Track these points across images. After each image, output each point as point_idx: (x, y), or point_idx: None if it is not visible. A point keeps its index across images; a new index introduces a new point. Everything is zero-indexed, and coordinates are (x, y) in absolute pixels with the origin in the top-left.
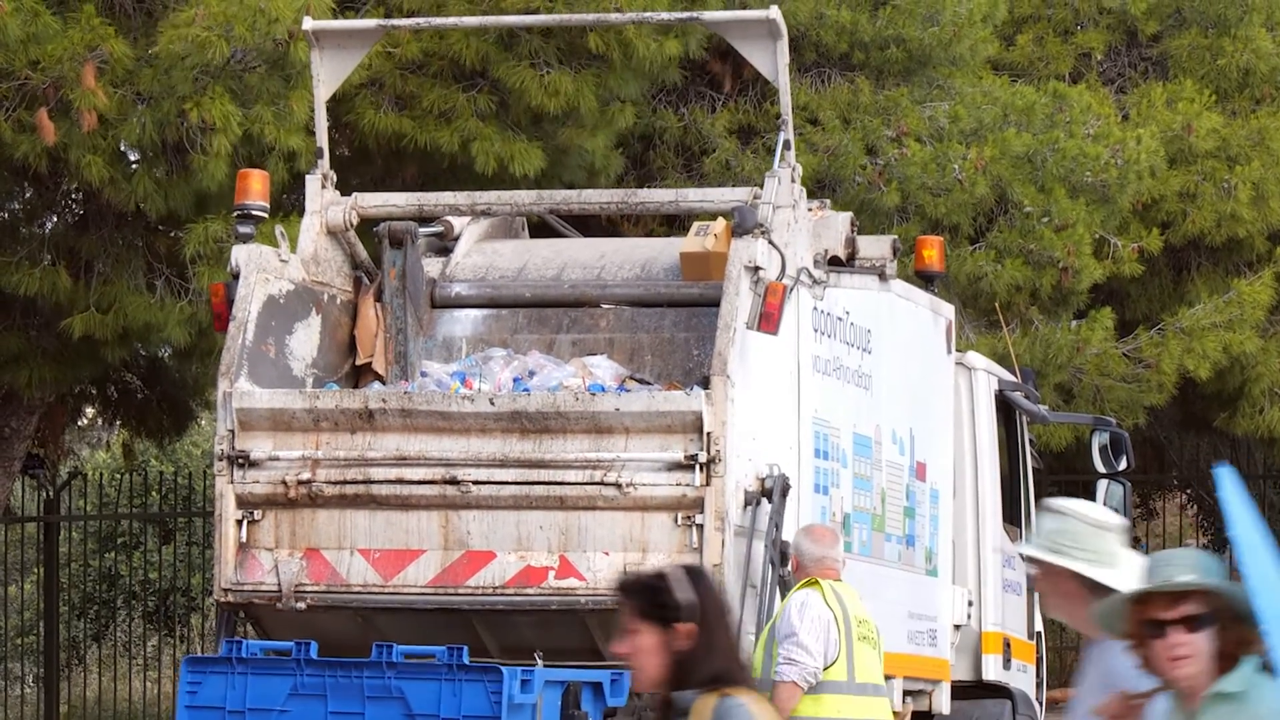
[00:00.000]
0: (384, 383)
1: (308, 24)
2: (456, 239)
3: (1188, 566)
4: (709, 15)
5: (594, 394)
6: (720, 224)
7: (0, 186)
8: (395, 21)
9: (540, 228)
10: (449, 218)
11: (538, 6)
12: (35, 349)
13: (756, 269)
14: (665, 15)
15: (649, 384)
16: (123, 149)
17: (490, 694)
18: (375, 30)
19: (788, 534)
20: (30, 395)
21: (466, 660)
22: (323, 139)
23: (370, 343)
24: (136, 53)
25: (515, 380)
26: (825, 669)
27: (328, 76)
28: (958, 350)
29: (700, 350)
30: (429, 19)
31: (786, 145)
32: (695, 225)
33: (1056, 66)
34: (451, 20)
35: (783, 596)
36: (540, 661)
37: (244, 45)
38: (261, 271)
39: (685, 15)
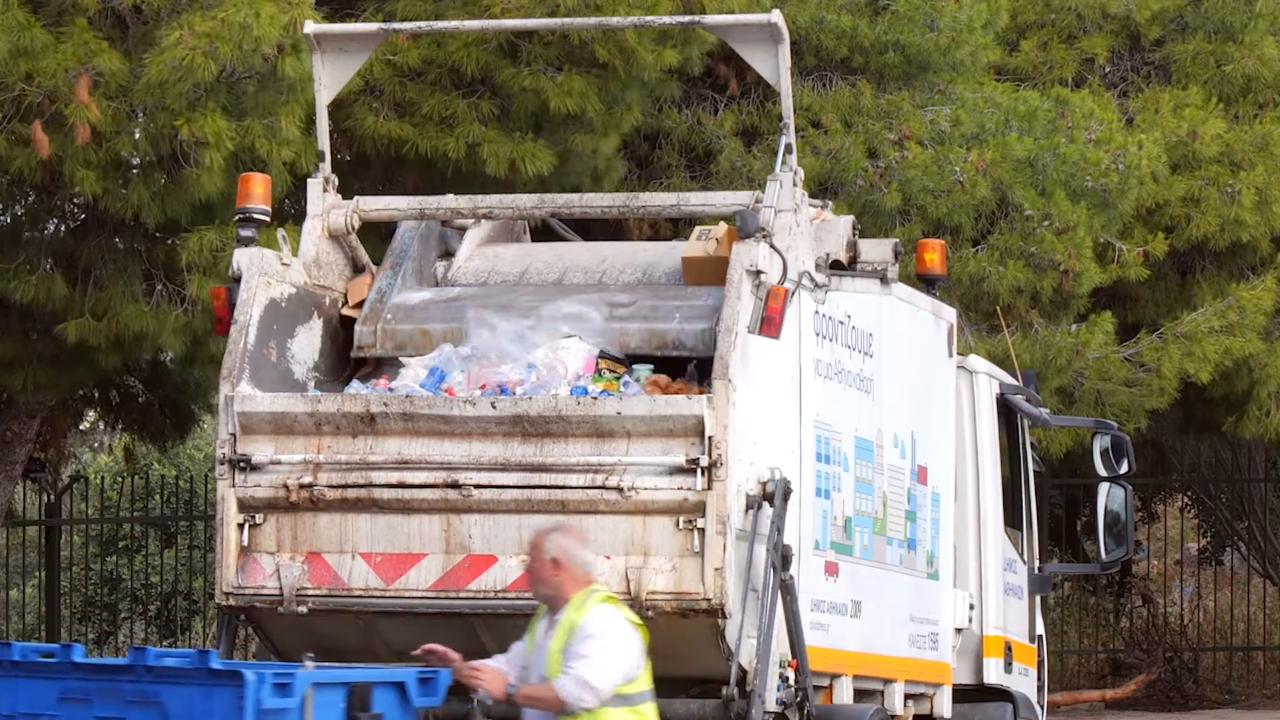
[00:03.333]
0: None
1: (309, 28)
2: (460, 239)
3: None
4: (710, 19)
5: (596, 398)
6: (722, 228)
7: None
8: (397, 25)
9: (542, 232)
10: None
11: (537, 14)
12: (32, 354)
13: (758, 273)
14: (666, 19)
15: (621, 360)
16: (120, 156)
17: (235, 699)
18: (377, 34)
19: (790, 538)
20: (26, 400)
21: (215, 665)
22: (324, 142)
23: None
24: (130, 66)
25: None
26: (632, 682)
27: (329, 80)
28: (959, 353)
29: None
30: (430, 23)
31: (788, 149)
32: (697, 229)
33: (1060, 72)
34: (452, 25)
35: (784, 600)
36: (310, 664)
37: (231, 63)
38: (263, 275)
39: (686, 19)
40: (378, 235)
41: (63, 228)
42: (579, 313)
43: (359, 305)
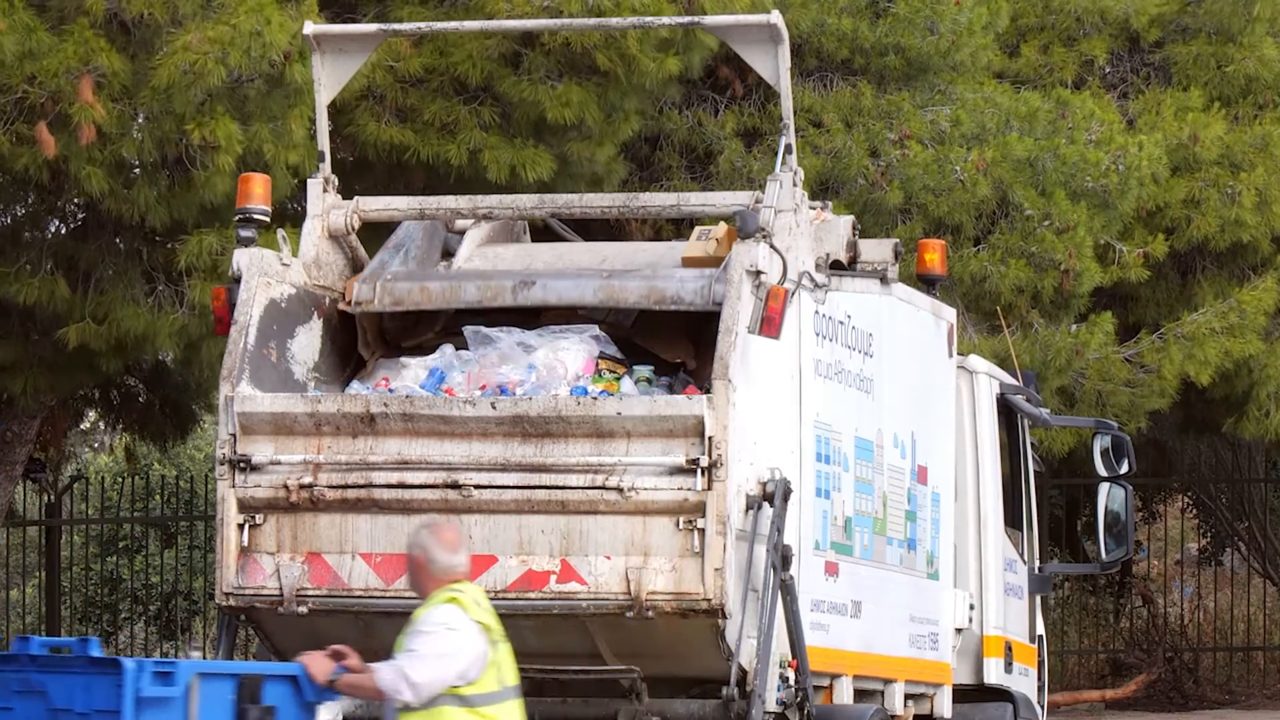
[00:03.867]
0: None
1: (309, 28)
2: (460, 239)
3: None
4: (710, 20)
5: (596, 398)
6: (722, 228)
7: (2, 195)
8: (397, 26)
9: (542, 233)
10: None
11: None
12: (32, 357)
13: (758, 273)
14: (666, 20)
15: (621, 361)
16: (124, 157)
17: (115, 688)
18: (377, 35)
19: (790, 539)
20: (26, 402)
21: (97, 653)
22: (324, 143)
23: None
24: (135, 68)
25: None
26: (471, 684)
27: (329, 81)
28: (959, 353)
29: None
30: (430, 24)
31: (788, 149)
32: (697, 229)
33: (1060, 74)
34: (452, 25)
35: (784, 600)
36: (193, 654)
37: (239, 69)
38: (263, 275)
39: (686, 20)
40: (379, 239)
41: (63, 230)
42: (576, 280)
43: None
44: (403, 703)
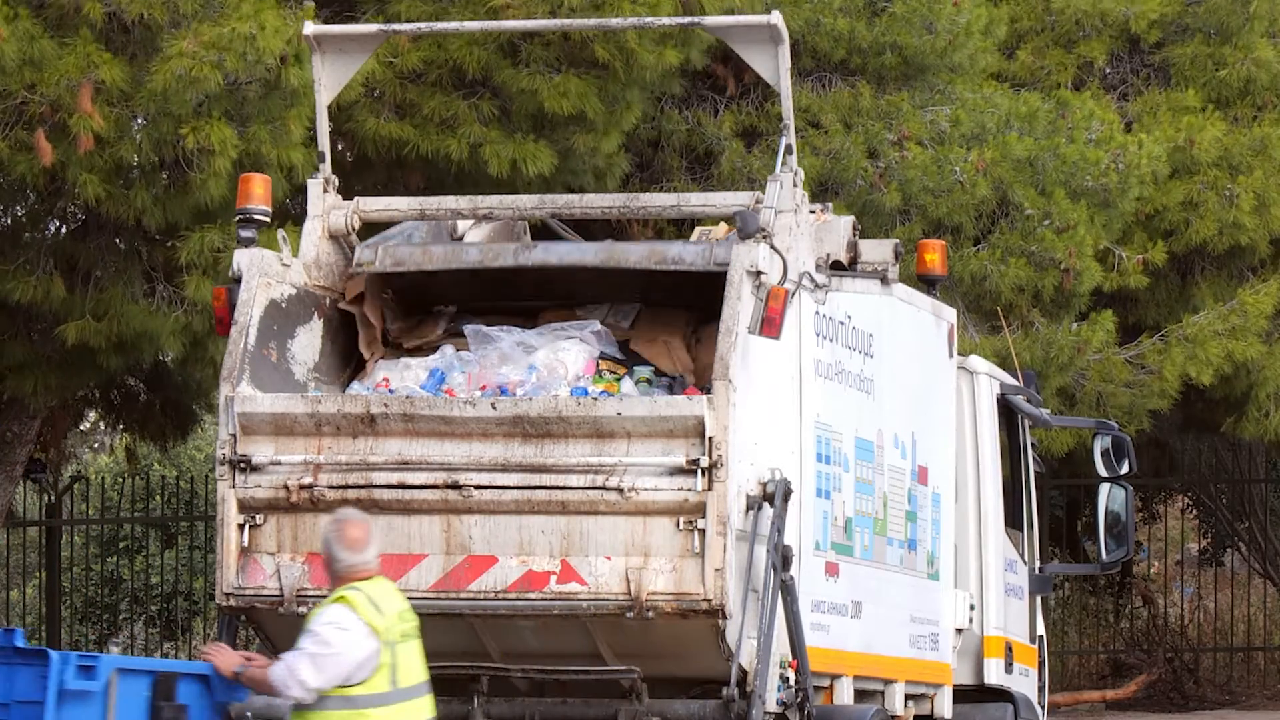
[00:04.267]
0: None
1: (308, 29)
2: (461, 238)
3: None
4: (710, 20)
5: (596, 399)
6: (722, 228)
7: (1, 197)
8: (397, 26)
9: (542, 233)
10: (454, 223)
11: (539, 14)
12: (40, 357)
13: (758, 273)
14: (666, 20)
15: (621, 361)
16: (121, 161)
17: (40, 679)
18: (377, 35)
19: (790, 539)
20: (36, 402)
21: (20, 644)
22: (324, 143)
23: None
24: (133, 72)
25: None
26: (357, 685)
27: (329, 81)
28: (960, 353)
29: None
30: (430, 24)
31: (788, 149)
32: (697, 230)
33: (1059, 76)
34: (453, 25)
35: (784, 601)
36: (115, 649)
37: (235, 73)
38: (263, 276)
39: (686, 20)
40: None
41: (63, 230)
42: (577, 244)
43: (355, 299)
44: (294, 699)
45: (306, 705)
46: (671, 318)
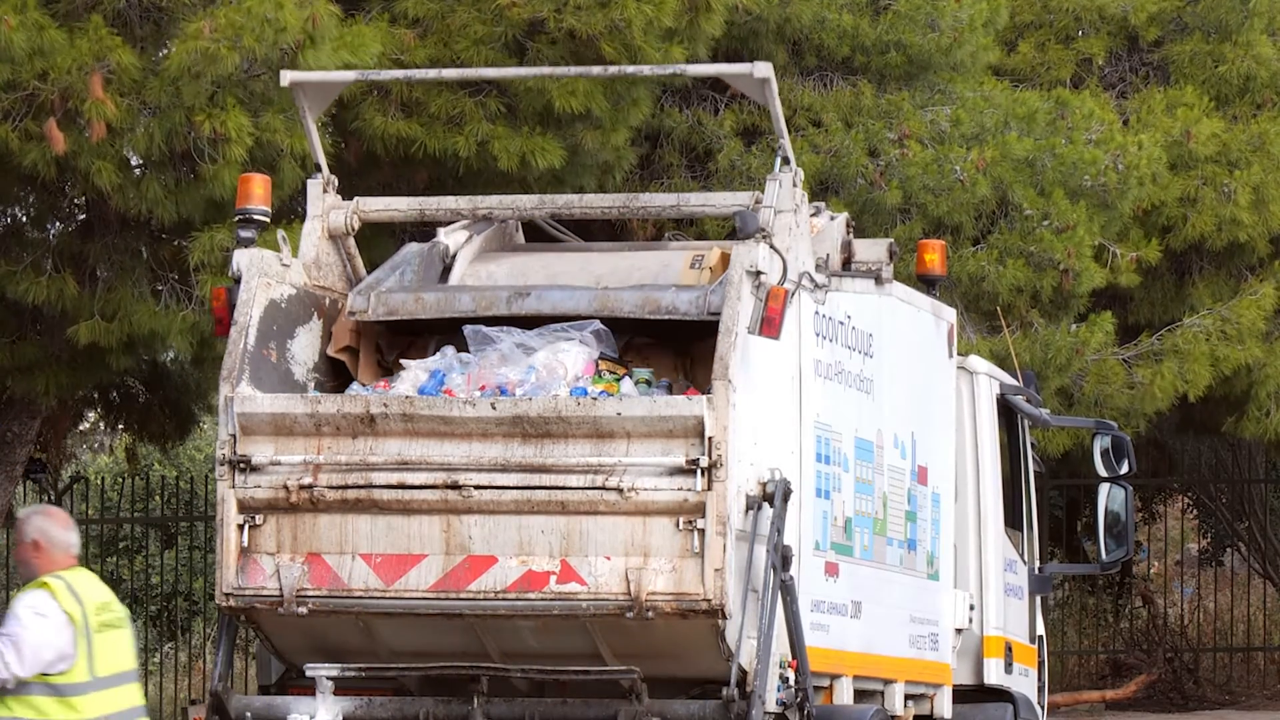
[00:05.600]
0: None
1: (287, 77)
2: (453, 258)
3: None
4: (694, 69)
5: (596, 399)
6: (716, 255)
7: (6, 193)
8: (371, 74)
9: (538, 232)
10: (443, 240)
11: (545, 17)
12: (49, 357)
13: (758, 273)
14: (648, 69)
15: (621, 362)
16: (129, 156)
17: None
18: (354, 79)
19: (790, 539)
20: (47, 402)
21: None
22: (319, 157)
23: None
24: (144, 62)
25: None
26: (60, 673)
27: (313, 109)
28: (959, 353)
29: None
30: (408, 71)
31: (785, 161)
32: (691, 257)
33: (1058, 72)
34: (433, 72)
35: (784, 601)
36: None
37: (252, 56)
38: (263, 276)
39: (671, 68)
40: (379, 239)
41: (68, 228)
42: (571, 292)
43: (343, 349)
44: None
45: (10, 691)
46: (665, 334)
